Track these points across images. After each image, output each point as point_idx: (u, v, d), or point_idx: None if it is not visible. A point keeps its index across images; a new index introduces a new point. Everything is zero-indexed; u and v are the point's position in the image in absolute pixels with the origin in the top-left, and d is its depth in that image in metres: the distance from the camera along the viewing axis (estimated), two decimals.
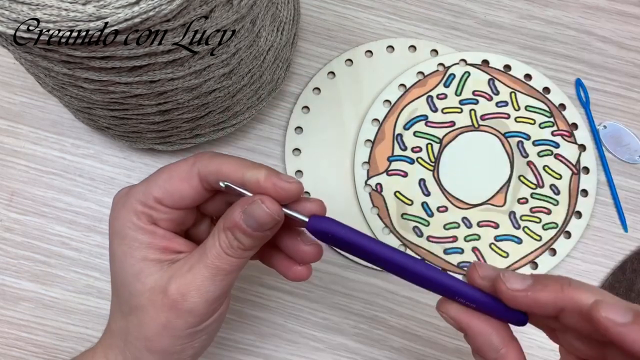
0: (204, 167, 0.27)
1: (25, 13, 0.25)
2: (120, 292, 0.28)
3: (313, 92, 0.45)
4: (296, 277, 0.29)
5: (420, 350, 0.40)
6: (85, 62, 0.28)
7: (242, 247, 0.26)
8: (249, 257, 0.27)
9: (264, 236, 0.26)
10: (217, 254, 0.26)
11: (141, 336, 0.27)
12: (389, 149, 0.43)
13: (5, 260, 0.41)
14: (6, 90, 0.44)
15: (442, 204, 0.42)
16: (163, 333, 0.26)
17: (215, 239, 0.26)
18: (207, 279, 0.26)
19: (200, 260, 0.26)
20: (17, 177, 0.42)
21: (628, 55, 0.46)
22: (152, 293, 0.26)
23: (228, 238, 0.26)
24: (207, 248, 0.26)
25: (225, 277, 0.26)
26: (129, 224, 0.27)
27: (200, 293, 0.26)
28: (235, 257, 0.26)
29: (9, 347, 0.40)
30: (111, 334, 0.29)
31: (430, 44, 0.45)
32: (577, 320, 0.22)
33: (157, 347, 0.27)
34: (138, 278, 0.27)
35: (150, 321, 0.26)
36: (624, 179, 0.43)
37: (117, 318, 0.29)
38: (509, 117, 0.44)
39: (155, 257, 0.27)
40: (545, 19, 0.46)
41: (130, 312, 0.27)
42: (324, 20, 0.46)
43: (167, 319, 0.26)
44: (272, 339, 0.40)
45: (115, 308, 0.29)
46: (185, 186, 0.27)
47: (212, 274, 0.26)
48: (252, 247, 0.26)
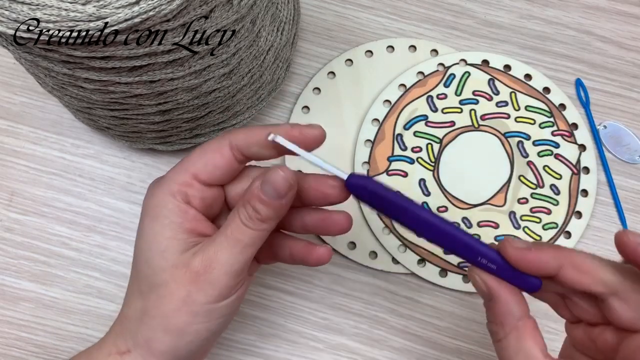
0: (233, 136, 0.29)
1: (25, 13, 0.25)
2: (142, 270, 0.28)
3: (313, 92, 0.45)
4: (319, 258, 0.31)
5: (420, 350, 0.40)
6: (85, 62, 0.28)
7: (260, 217, 0.27)
8: (266, 233, 0.28)
9: (280, 206, 0.27)
10: (236, 226, 0.27)
11: (159, 313, 0.27)
12: (389, 149, 0.43)
13: (5, 260, 0.41)
14: (6, 90, 0.44)
15: (442, 204, 0.42)
16: (182, 308, 0.27)
17: (235, 214, 0.28)
18: (227, 251, 0.27)
19: (221, 234, 0.27)
20: (17, 177, 0.42)
21: (628, 55, 0.46)
22: (175, 268, 0.27)
23: (247, 210, 0.27)
24: (228, 223, 0.28)
25: (243, 250, 0.27)
26: (163, 203, 0.28)
27: (221, 264, 0.27)
28: (253, 229, 0.27)
29: (9, 347, 0.40)
30: (123, 320, 0.29)
31: (430, 44, 0.45)
32: (575, 273, 0.26)
33: (174, 325, 0.27)
34: (163, 255, 0.28)
35: (170, 296, 0.27)
36: (624, 179, 0.43)
37: (133, 300, 0.29)
38: (509, 117, 0.44)
39: (183, 237, 0.28)
40: (545, 19, 0.46)
41: (150, 290, 0.28)
42: (324, 20, 0.46)
43: (187, 293, 0.27)
44: (272, 339, 0.40)
45: (134, 289, 0.29)
46: (217, 156, 0.29)
47: (232, 246, 0.27)
48: (269, 218, 0.27)
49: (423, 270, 0.41)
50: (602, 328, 0.27)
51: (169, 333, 0.27)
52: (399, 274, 0.41)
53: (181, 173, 0.29)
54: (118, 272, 0.41)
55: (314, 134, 0.28)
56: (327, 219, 0.31)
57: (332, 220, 0.31)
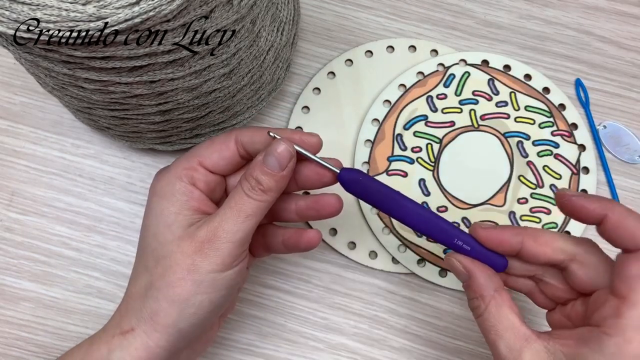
0: (240, 133, 0.32)
1: (25, 13, 0.25)
2: (149, 245, 0.30)
3: (313, 92, 0.45)
4: (310, 241, 0.33)
5: (420, 350, 0.40)
6: (86, 62, 0.28)
7: (262, 188, 0.29)
8: (267, 205, 0.29)
9: (281, 177, 0.29)
10: (239, 197, 0.29)
11: (164, 284, 0.28)
12: (389, 149, 0.43)
13: (5, 260, 0.41)
14: (6, 90, 0.44)
15: (442, 204, 0.42)
16: (186, 277, 0.28)
17: (238, 187, 0.29)
18: (231, 220, 0.28)
19: (225, 206, 0.29)
20: (17, 177, 0.43)
21: (628, 55, 0.46)
22: (181, 240, 0.29)
23: (249, 182, 0.29)
24: (231, 196, 0.29)
25: (246, 220, 0.29)
26: (171, 184, 0.30)
27: (226, 232, 0.28)
28: (255, 199, 0.29)
29: (9, 347, 0.40)
30: (128, 300, 0.29)
31: (430, 44, 0.46)
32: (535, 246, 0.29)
33: (178, 294, 0.28)
34: (170, 228, 0.29)
35: (175, 265, 0.28)
36: (624, 179, 0.43)
37: (139, 277, 0.29)
38: (508, 117, 0.44)
39: (188, 213, 0.30)
40: (544, 19, 0.47)
41: (157, 262, 0.29)
42: (324, 20, 0.46)
43: (192, 261, 0.28)
44: (272, 338, 0.40)
45: (140, 268, 0.30)
46: (223, 147, 0.31)
47: (235, 216, 0.28)
48: (270, 189, 0.29)
49: (423, 270, 0.41)
50: (573, 303, 0.30)
51: (173, 304, 0.28)
52: (398, 274, 0.41)
53: (188, 159, 0.31)
54: (118, 272, 0.41)
55: (311, 141, 0.31)
56: (319, 200, 0.32)
57: (323, 201, 0.32)
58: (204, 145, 0.32)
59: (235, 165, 0.32)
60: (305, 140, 0.31)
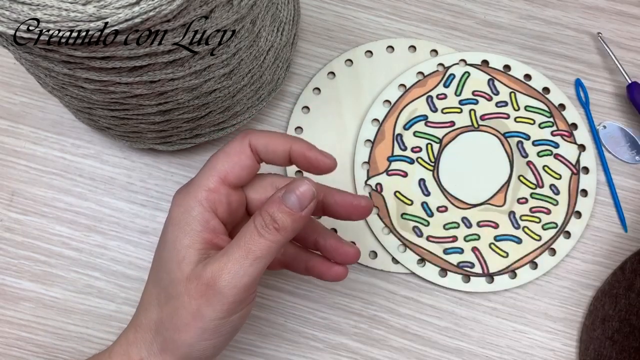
0: (254, 139, 0.30)
1: (25, 13, 0.25)
2: (162, 280, 0.29)
3: (313, 92, 0.45)
4: (337, 276, 0.31)
5: (420, 350, 0.40)
6: (86, 62, 0.28)
7: (277, 226, 0.27)
8: (279, 246, 0.27)
9: (299, 217, 0.27)
10: (250, 235, 0.27)
11: (172, 326, 0.27)
12: (389, 149, 0.43)
13: (5, 260, 0.41)
14: (6, 90, 0.44)
15: (442, 203, 0.42)
16: (192, 324, 0.27)
17: (251, 222, 0.28)
18: (237, 262, 0.27)
19: (234, 243, 0.27)
20: (18, 177, 0.43)
21: (628, 55, 0.46)
22: (189, 281, 0.27)
23: (264, 218, 0.27)
24: (242, 232, 0.28)
25: (254, 262, 0.27)
26: (189, 209, 0.29)
27: (231, 276, 0.26)
28: (267, 239, 0.27)
29: (9, 347, 0.40)
30: (137, 328, 0.29)
31: (430, 44, 0.46)
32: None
33: (183, 340, 0.27)
34: (180, 266, 0.28)
35: (182, 309, 0.27)
36: (624, 179, 0.43)
37: (150, 310, 0.29)
38: (508, 117, 0.44)
39: (200, 247, 0.28)
40: (544, 19, 0.47)
41: (167, 301, 0.28)
42: (324, 20, 0.46)
43: (197, 307, 0.27)
44: (272, 338, 0.40)
45: (151, 299, 0.29)
46: (243, 157, 0.30)
47: (243, 257, 0.27)
48: (285, 228, 0.27)
49: (423, 270, 0.41)
50: None
51: (180, 347, 0.28)
52: (398, 274, 0.41)
53: (209, 178, 0.29)
54: (118, 272, 0.41)
55: (326, 164, 0.30)
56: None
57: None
58: (220, 158, 0.30)
59: (255, 172, 0.31)
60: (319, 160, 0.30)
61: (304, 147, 0.30)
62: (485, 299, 0.41)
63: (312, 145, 0.30)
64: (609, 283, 0.41)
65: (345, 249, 0.31)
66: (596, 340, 0.39)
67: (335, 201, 0.31)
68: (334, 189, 0.32)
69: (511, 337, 0.40)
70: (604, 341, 0.39)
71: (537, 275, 0.41)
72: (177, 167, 0.43)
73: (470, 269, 0.41)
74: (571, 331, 0.40)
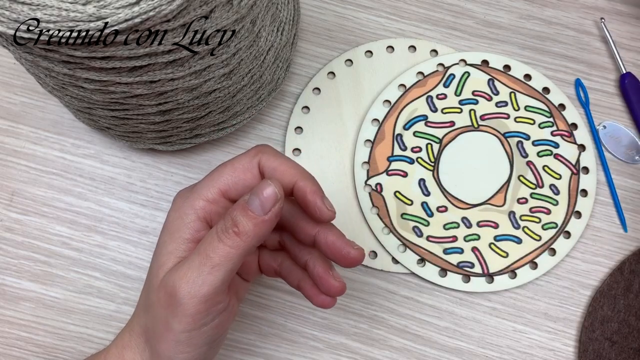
0: (265, 159, 0.28)
1: (25, 13, 0.25)
2: (147, 284, 0.28)
3: (313, 92, 0.45)
4: (323, 304, 0.30)
5: (420, 350, 0.40)
6: (86, 62, 0.28)
7: (237, 230, 0.25)
8: (240, 253, 0.26)
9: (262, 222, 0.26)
10: (209, 241, 0.26)
11: (154, 335, 0.27)
12: (389, 149, 0.43)
13: (5, 260, 0.41)
14: (6, 90, 0.44)
15: (442, 203, 0.42)
16: (165, 335, 0.26)
17: (213, 227, 0.26)
18: (195, 270, 0.25)
19: (195, 250, 0.26)
20: (18, 177, 0.43)
21: (628, 55, 0.46)
22: (159, 289, 0.26)
23: (225, 221, 0.26)
24: (204, 238, 0.26)
25: (212, 270, 0.25)
26: (184, 215, 0.28)
27: (189, 285, 0.25)
28: (225, 245, 0.25)
29: (9, 346, 0.40)
30: (131, 332, 0.29)
31: (430, 44, 0.46)
32: None
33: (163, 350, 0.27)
34: (157, 272, 0.27)
35: (156, 318, 0.27)
36: (624, 179, 0.43)
37: (140, 315, 0.29)
38: (508, 117, 0.44)
39: (181, 254, 0.27)
40: (544, 19, 0.47)
41: (148, 308, 0.28)
42: (324, 20, 0.46)
43: (166, 318, 0.26)
44: (272, 338, 0.40)
45: (140, 304, 0.29)
46: (249, 176, 0.28)
47: (201, 264, 0.25)
48: (246, 234, 0.25)
49: (423, 270, 0.41)
50: None
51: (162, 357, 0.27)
52: (398, 274, 0.41)
53: (210, 189, 0.28)
54: (118, 272, 0.41)
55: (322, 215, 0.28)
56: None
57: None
58: (226, 170, 0.28)
59: None
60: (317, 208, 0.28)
61: (307, 188, 0.28)
62: (485, 299, 0.41)
63: (317, 188, 0.28)
64: (607, 284, 0.41)
65: (330, 282, 0.29)
66: (595, 341, 0.39)
67: (327, 242, 0.29)
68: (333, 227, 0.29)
69: (511, 337, 0.40)
70: (603, 342, 0.39)
71: (537, 275, 0.41)
72: (177, 167, 0.43)
73: (470, 269, 0.41)
74: (571, 331, 0.40)
